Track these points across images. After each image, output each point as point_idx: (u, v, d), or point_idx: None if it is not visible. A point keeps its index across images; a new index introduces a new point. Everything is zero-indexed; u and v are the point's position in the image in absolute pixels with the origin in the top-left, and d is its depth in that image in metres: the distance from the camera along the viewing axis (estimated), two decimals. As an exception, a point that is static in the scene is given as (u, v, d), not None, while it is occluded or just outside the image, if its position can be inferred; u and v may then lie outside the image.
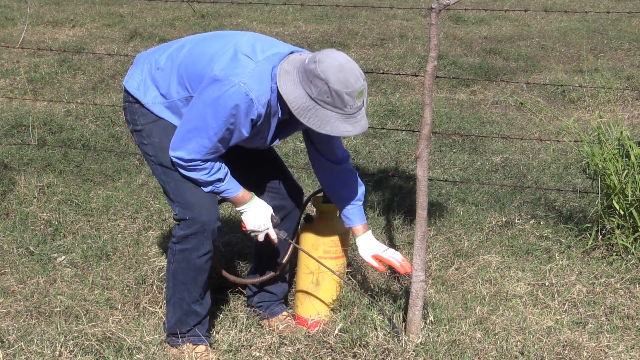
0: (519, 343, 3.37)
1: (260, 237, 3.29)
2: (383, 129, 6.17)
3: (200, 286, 3.29)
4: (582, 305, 3.76)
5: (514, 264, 4.19)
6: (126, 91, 3.30)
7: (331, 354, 3.30)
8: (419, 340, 3.26)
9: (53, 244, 4.42)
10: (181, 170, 3.14)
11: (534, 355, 3.30)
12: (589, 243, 4.30)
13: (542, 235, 4.53)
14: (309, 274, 3.53)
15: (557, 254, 4.27)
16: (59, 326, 3.50)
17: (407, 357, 3.20)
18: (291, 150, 6.06)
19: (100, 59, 8.93)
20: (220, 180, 3.15)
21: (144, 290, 3.88)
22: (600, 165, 4.33)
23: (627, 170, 4.24)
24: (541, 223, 4.68)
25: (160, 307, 3.70)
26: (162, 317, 3.59)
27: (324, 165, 3.41)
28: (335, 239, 3.50)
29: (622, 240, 4.20)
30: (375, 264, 3.42)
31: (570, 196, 5.08)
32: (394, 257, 3.41)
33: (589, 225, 4.43)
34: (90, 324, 3.52)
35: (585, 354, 3.33)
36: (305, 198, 3.63)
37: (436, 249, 4.33)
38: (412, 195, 4.97)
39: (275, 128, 3.19)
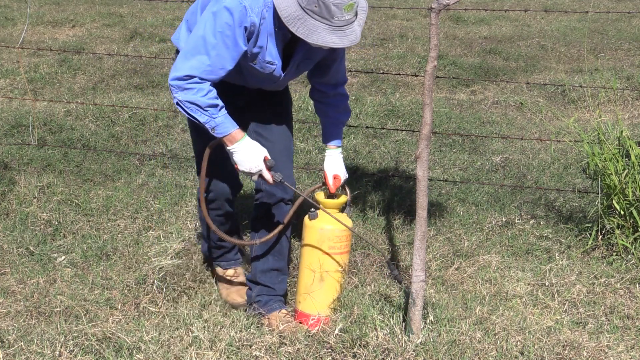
0: (519, 343, 3.37)
1: (254, 178, 3.36)
2: (383, 129, 6.17)
3: (222, 231, 3.66)
4: (582, 305, 3.76)
5: (514, 264, 4.19)
6: (175, 45, 3.57)
7: (331, 354, 3.30)
8: (419, 340, 3.26)
9: (53, 244, 4.42)
10: (179, 94, 3.18)
11: (534, 355, 3.30)
12: (589, 243, 4.30)
13: (542, 235, 4.53)
14: (313, 270, 3.53)
15: (557, 254, 4.27)
16: (59, 326, 3.50)
17: (407, 357, 3.20)
18: (291, 150, 6.05)
19: (100, 59, 8.93)
20: (216, 106, 3.20)
21: (144, 290, 3.88)
22: (600, 165, 4.33)
23: (627, 170, 4.24)
24: (541, 223, 4.68)
25: (160, 307, 3.71)
26: (164, 317, 3.59)
27: (320, 89, 3.63)
28: (340, 235, 3.51)
29: (622, 240, 4.20)
30: (330, 182, 3.59)
31: (570, 196, 5.08)
32: (342, 183, 3.63)
33: (589, 225, 4.43)
34: (90, 324, 3.52)
35: (585, 354, 3.33)
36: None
37: (436, 249, 4.33)
38: (412, 195, 4.97)
39: (281, 53, 3.32)
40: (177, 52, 3.52)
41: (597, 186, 4.43)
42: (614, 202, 4.26)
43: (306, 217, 3.58)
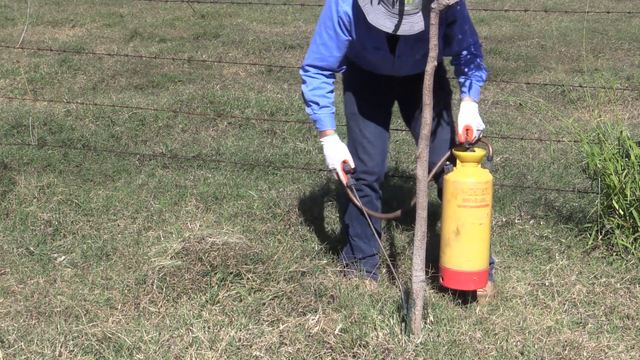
0: (519, 343, 3.37)
1: (334, 175, 3.77)
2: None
3: (361, 225, 3.93)
4: (582, 305, 3.76)
5: (514, 264, 4.19)
6: None
7: (331, 354, 3.30)
8: (419, 340, 3.26)
9: (53, 244, 4.42)
10: (301, 86, 3.73)
11: (534, 355, 3.30)
12: (589, 243, 4.30)
13: (542, 235, 4.53)
14: (449, 224, 3.59)
15: (557, 254, 4.27)
16: (59, 326, 3.50)
17: (407, 357, 3.20)
18: (291, 150, 6.06)
19: (100, 59, 8.94)
20: (317, 104, 3.68)
21: (144, 290, 3.87)
22: (600, 165, 4.33)
23: (627, 170, 4.24)
24: (541, 223, 4.68)
25: (160, 307, 3.71)
26: (164, 317, 3.59)
27: (452, 56, 3.88)
28: (474, 187, 3.55)
29: (622, 240, 4.20)
30: (460, 132, 3.70)
31: (570, 196, 5.08)
32: (475, 135, 3.70)
33: (589, 225, 4.43)
34: (90, 324, 3.52)
35: (585, 354, 3.33)
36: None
37: (436, 249, 4.32)
38: (412, 195, 4.96)
39: (385, 39, 3.61)
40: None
41: (597, 186, 4.43)
42: (613, 202, 4.26)
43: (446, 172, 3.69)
